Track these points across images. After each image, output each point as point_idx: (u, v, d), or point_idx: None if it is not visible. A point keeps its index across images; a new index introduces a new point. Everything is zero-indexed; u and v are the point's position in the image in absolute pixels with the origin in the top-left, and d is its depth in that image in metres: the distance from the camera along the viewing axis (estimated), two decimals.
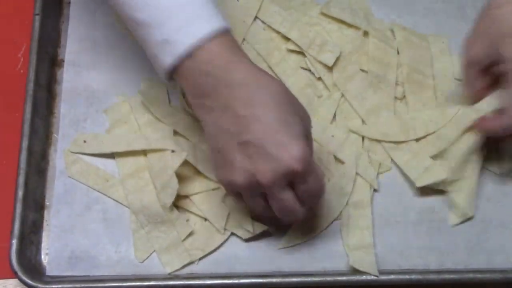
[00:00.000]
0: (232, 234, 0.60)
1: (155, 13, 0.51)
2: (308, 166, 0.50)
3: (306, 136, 0.52)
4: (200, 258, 0.60)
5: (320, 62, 0.66)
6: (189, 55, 0.50)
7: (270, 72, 0.60)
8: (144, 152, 0.62)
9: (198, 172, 0.61)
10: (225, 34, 0.52)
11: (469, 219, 0.62)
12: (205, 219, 0.61)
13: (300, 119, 0.51)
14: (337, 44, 0.67)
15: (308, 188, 0.52)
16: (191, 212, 0.61)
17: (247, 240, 0.60)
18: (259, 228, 0.59)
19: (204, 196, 0.61)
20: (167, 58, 0.51)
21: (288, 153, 0.49)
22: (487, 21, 0.60)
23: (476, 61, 0.61)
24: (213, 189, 0.61)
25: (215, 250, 0.60)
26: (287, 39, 0.68)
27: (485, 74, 0.61)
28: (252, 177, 0.50)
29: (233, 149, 0.50)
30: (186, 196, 0.61)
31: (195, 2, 0.51)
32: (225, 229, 0.60)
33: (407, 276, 0.58)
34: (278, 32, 0.68)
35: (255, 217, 0.59)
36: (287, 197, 0.52)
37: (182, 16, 0.50)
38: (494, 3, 0.59)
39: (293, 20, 0.68)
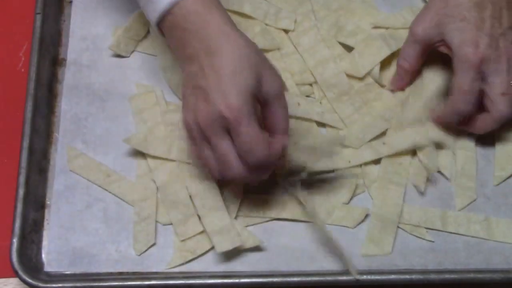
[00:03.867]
0: None
1: None
2: (240, 118, 0.53)
3: (253, 95, 0.54)
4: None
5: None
6: (168, 12, 0.55)
7: None
8: None
9: None
10: None
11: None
12: None
13: (256, 77, 0.54)
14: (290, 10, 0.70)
15: (240, 141, 0.54)
16: None
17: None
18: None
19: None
20: (152, 14, 0.56)
21: (224, 101, 0.53)
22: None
23: (422, 37, 0.62)
24: None
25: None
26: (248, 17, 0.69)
27: (425, 54, 0.64)
28: (195, 118, 0.55)
29: (189, 92, 0.56)
30: None
31: None
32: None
33: (407, 276, 0.58)
34: (234, 12, 0.68)
35: (204, 165, 0.60)
36: (223, 145, 0.55)
37: None
38: None
39: None
